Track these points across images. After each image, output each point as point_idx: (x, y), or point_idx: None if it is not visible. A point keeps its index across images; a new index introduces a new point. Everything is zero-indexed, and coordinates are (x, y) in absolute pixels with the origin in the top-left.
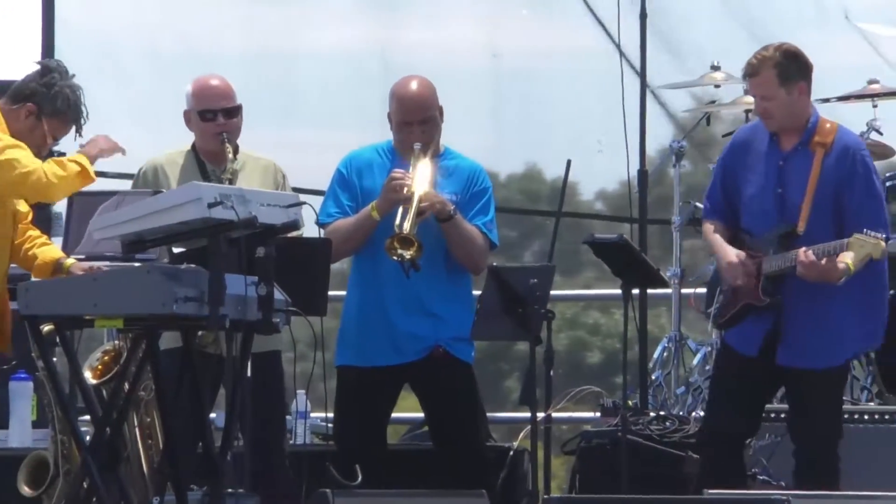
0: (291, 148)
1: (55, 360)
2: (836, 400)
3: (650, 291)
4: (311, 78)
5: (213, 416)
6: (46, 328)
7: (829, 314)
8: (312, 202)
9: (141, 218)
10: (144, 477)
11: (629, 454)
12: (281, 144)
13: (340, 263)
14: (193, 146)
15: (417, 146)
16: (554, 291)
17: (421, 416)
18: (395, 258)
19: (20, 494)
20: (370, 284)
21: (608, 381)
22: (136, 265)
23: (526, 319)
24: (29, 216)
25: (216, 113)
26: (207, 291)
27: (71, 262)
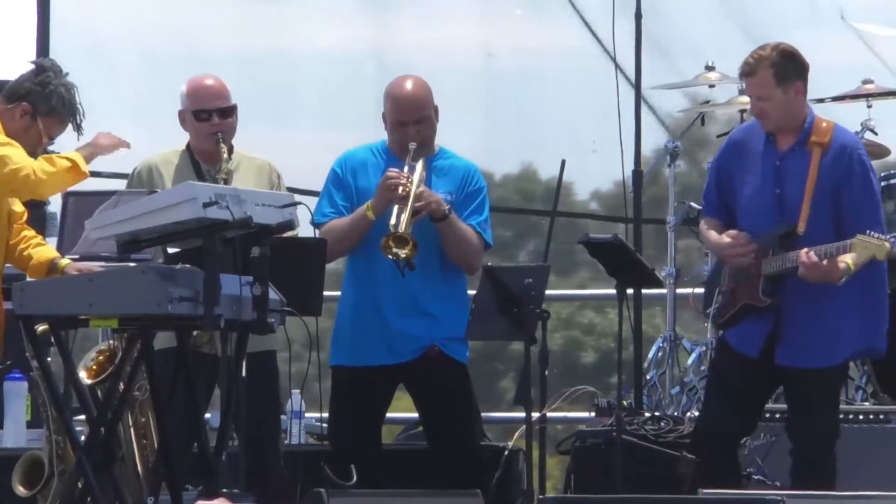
0: (286, 148)
1: (50, 359)
2: (834, 399)
3: (645, 291)
4: (306, 78)
5: (207, 416)
6: (41, 328)
7: (828, 314)
8: (308, 202)
9: (136, 218)
10: (139, 477)
11: (624, 454)
12: (276, 145)
13: (335, 263)
14: (188, 146)
15: (412, 146)
16: (549, 291)
17: (415, 416)
18: (390, 257)
19: (15, 494)
20: (365, 284)
21: (603, 380)
22: (131, 265)
23: (521, 319)
24: (24, 216)
25: (211, 113)
26: (202, 291)
27: (66, 262)
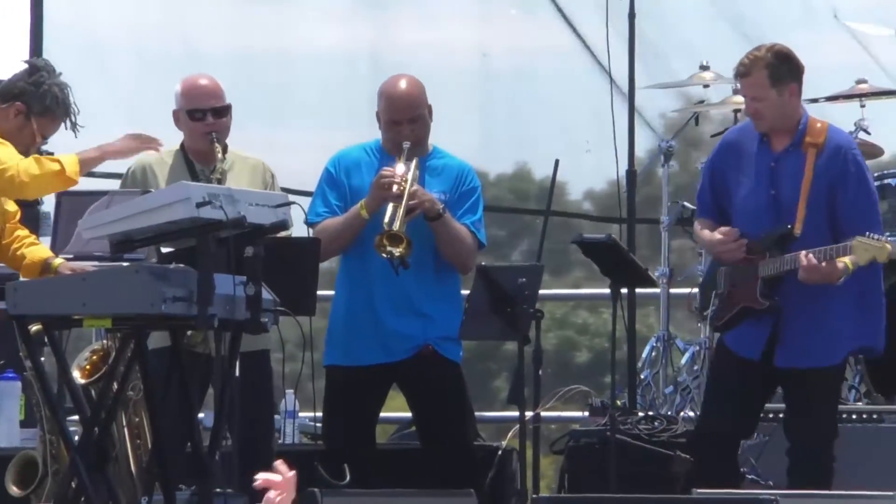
0: (281, 148)
1: (43, 359)
2: (833, 399)
3: (639, 291)
4: (301, 78)
5: (201, 416)
6: (34, 328)
7: (827, 313)
8: (303, 203)
9: (129, 217)
10: (133, 477)
11: (618, 454)
12: (271, 145)
13: (329, 263)
14: (182, 146)
15: (406, 145)
16: (542, 291)
17: (409, 415)
18: (384, 255)
19: (8, 494)
20: (359, 283)
21: (597, 380)
22: (124, 265)
23: (514, 319)
24: (17, 216)
25: (205, 112)
26: (196, 291)
27: (59, 261)
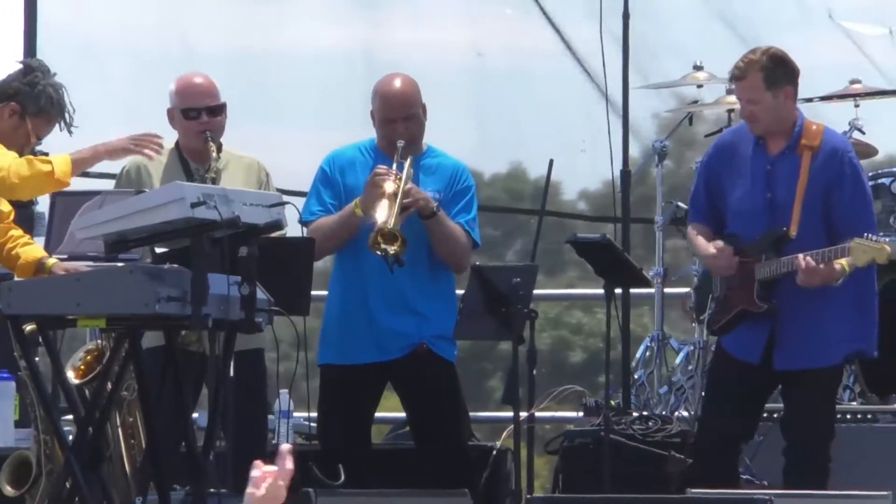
0: (276, 148)
1: (38, 359)
2: (830, 400)
3: (633, 291)
4: (295, 78)
5: (195, 415)
6: (29, 328)
7: (824, 314)
8: (297, 203)
9: (124, 217)
10: (127, 477)
11: (612, 454)
12: (265, 145)
13: (324, 263)
14: (177, 144)
15: (401, 143)
16: (537, 291)
17: (403, 416)
18: (378, 253)
19: (2, 494)
20: (353, 282)
21: (591, 380)
22: (118, 265)
23: (509, 319)
24: (11, 215)
25: (200, 111)
26: (190, 291)
27: (53, 261)
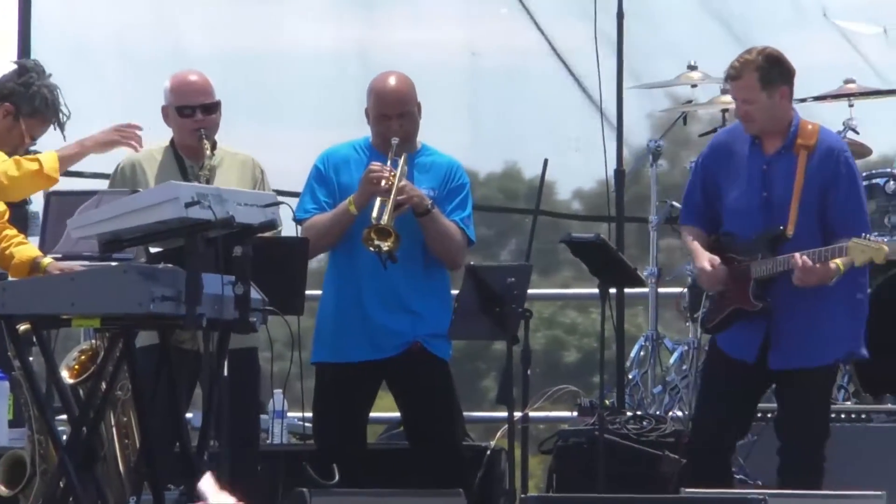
0: (271, 148)
1: (32, 359)
2: (825, 399)
3: (627, 291)
4: (290, 78)
5: (189, 415)
6: (23, 327)
7: (819, 314)
8: (291, 203)
9: (118, 217)
10: (121, 476)
11: (606, 453)
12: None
13: (318, 262)
14: (172, 142)
15: (395, 141)
16: (531, 290)
17: (398, 415)
18: (371, 249)
19: None
20: (347, 279)
21: (585, 380)
22: (112, 265)
23: (503, 318)
24: (5, 215)
25: (194, 109)
26: (184, 291)
27: (48, 261)
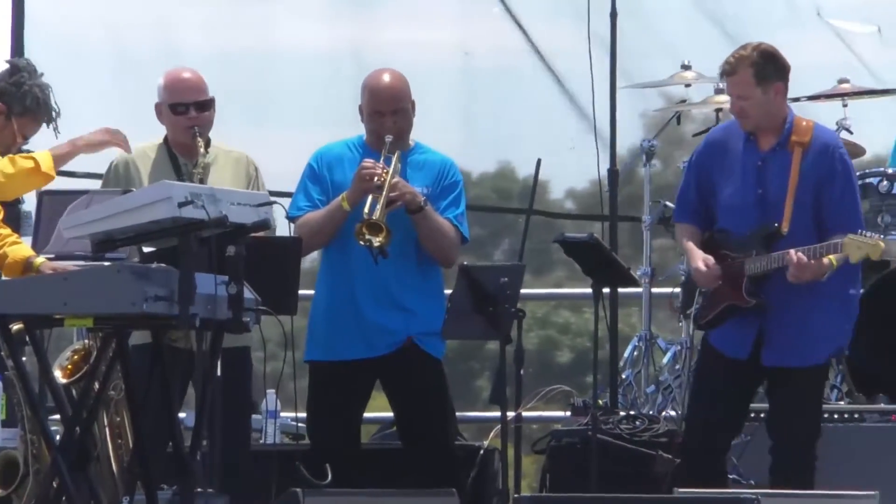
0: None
1: (25, 359)
2: (817, 398)
3: (621, 290)
4: (284, 78)
5: (182, 415)
6: (16, 327)
7: (812, 312)
8: (284, 203)
9: (111, 217)
10: (114, 476)
11: (599, 453)
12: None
13: (311, 262)
14: (165, 139)
15: (389, 138)
16: (524, 290)
17: (390, 415)
18: (363, 243)
19: None
20: (340, 277)
21: (578, 380)
22: (105, 264)
23: (496, 318)
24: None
25: (188, 106)
26: (177, 290)
27: (41, 260)
